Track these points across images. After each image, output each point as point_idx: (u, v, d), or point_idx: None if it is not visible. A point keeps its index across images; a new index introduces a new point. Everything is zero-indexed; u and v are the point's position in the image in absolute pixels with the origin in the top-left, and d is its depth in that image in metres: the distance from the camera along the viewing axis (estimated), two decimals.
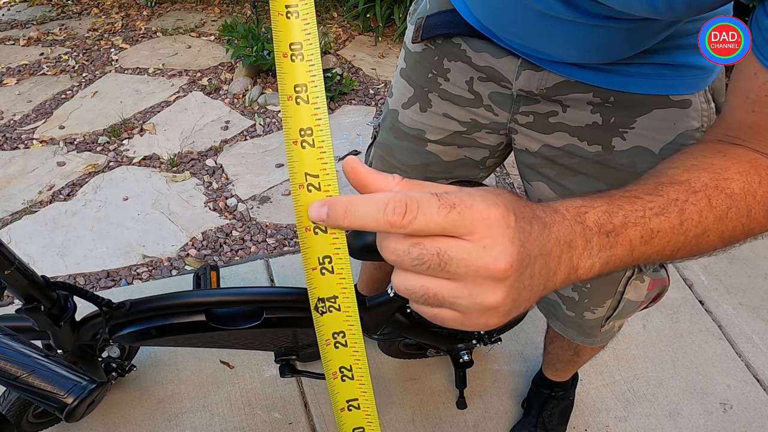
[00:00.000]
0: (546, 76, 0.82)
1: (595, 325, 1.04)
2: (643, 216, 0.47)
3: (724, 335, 1.86)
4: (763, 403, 1.68)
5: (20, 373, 0.53)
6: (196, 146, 2.43)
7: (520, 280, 0.39)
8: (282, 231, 2.08)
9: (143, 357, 1.62)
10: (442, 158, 1.01)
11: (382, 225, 0.37)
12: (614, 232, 0.45)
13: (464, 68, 0.90)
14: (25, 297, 0.87)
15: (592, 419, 1.61)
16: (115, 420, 1.50)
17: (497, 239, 0.37)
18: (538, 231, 0.40)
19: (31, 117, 2.60)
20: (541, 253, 0.40)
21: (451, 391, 1.62)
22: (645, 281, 0.96)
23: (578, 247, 0.43)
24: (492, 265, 0.37)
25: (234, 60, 2.94)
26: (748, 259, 2.13)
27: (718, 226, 0.50)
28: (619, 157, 0.84)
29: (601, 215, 0.45)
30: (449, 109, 0.95)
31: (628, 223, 0.46)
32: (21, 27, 3.37)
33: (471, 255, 0.37)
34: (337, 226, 0.41)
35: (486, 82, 0.89)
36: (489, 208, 0.37)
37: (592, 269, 0.45)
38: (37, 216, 2.08)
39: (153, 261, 1.94)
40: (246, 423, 1.52)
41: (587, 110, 0.82)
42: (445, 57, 0.91)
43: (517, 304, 0.41)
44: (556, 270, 0.42)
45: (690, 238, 0.49)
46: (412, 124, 1.00)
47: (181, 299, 1.04)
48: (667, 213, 0.48)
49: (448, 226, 0.36)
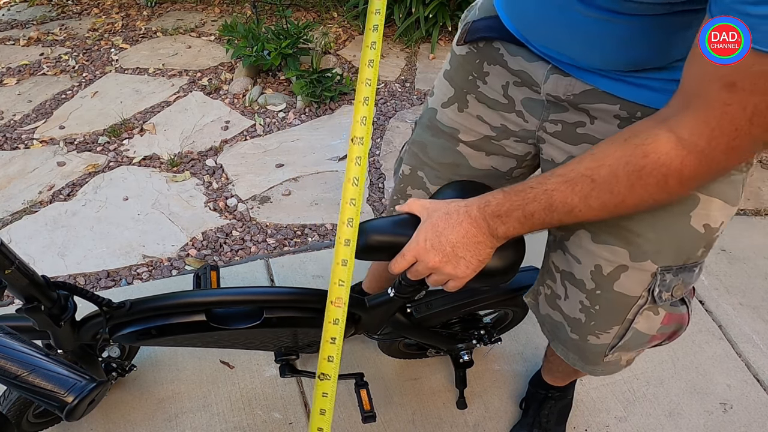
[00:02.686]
0: (573, 83, 0.84)
1: (599, 352, 1.00)
2: (521, 204, 0.74)
3: (724, 335, 1.86)
4: (763, 403, 1.68)
5: (20, 372, 0.54)
6: (196, 146, 2.44)
7: (453, 257, 0.79)
8: (282, 231, 2.08)
9: (143, 357, 1.62)
10: (470, 163, 1.04)
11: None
12: (503, 216, 0.76)
13: (501, 72, 0.94)
14: (25, 297, 0.87)
15: (592, 419, 1.61)
16: (115, 420, 1.50)
17: (427, 254, 0.80)
18: (451, 228, 0.79)
19: (31, 117, 2.60)
20: (457, 242, 0.78)
21: (451, 391, 1.62)
22: (660, 314, 0.93)
23: (485, 225, 0.78)
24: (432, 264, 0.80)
25: (234, 60, 2.95)
26: (748, 259, 2.13)
27: (584, 204, 0.70)
28: None
29: (494, 207, 0.76)
30: (483, 112, 0.99)
31: (511, 209, 0.75)
32: (21, 27, 3.37)
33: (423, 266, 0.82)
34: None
35: (520, 87, 0.93)
36: (413, 240, 0.82)
37: (506, 232, 0.77)
38: (37, 216, 2.08)
39: (153, 261, 1.94)
40: (246, 423, 1.52)
41: (614, 124, 0.84)
42: (485, 60, 0.95)
43: (464, 262, 0.79)
44: (477, 238, 0.78)
45: (561, 215, 0.72)
46: (449, 122, 1.03)
47: (181, 299, 1.04)
48: (538, 200, 0.73)
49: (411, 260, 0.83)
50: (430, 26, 3.18)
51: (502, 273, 0.88)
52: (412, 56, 3.14)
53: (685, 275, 0.88)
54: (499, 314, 1.50)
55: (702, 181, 0.66)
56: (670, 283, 0.88)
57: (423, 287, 1.09)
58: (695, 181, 0.65)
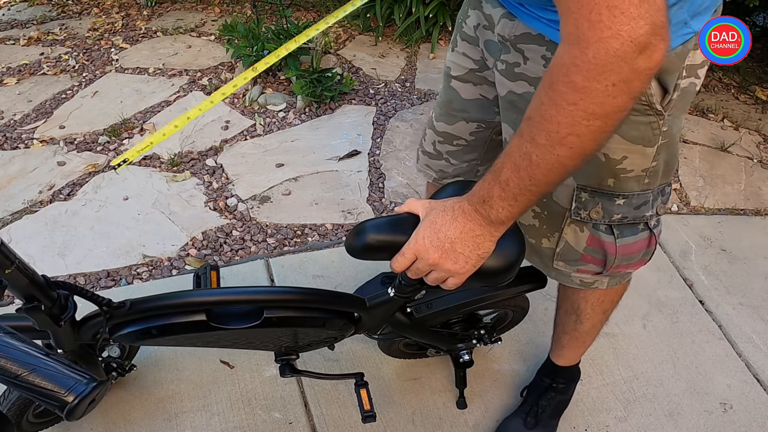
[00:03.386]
0: (516, 25, 0.97)
1: (549, 255, 1.13)
2: (495, 178, 0.76)
3: (724, 335, 1.86)
4: (763, 403, 1.68)
5: (21, 372, 0.54)
6: (196, 146, 2.44)
7: (452, 253, 0.81)
8: (282, 231, 2.08)
9: (143, 357, 1.62)
10: (461, 95, 1.21)
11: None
12: (487, 199, 0.77)
13: (476, 15, 1.10)
14: (25, 296, 0.87)
15: (592, 419, 1.61)
16: (115, 419, 1.50)
17: (426, 251, 0.82)
18: (448, 225, 0.80)
19: (32, 117, 2.60)
20: (455, 237, 0.80)
21: (451, 391, 1.62)
22: (584, 232, 1.05)
23: (478, 216, 0.79)
24: (432, 261, 0.82)
25: (234, 60, 2.94)
26: (748, 259, 2.13)
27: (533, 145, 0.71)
28: None
29: (478, 194, 0.78)
30: (466, 48, 1.16)
31: (491, 188, 0.76)
32: (21, 27, 3.37)
33: (423, 263, 0.84)
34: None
35: (486, 30, 1.08)
36: (412, 239, 0.84)
37: (498, 215, 0.77)
38: (38, 216, 2.08)
39: (153, 261, 1.94)
40: (246, 423, 1.52)
41: (541, 64, 0.96)
42: (470, 6, 1.13)
43: (463, 258, 0.81)
44: (475, 231, 0.80)
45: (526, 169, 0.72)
46: (447, 63, 1.24)
47: (182, 299, 1.04)
48: (505, 166, 0.74)
49: (411, 258, 0.84)
50: (430, 26, 3.18)
51: (502, 272, 0.88)
52: (412, 56, 3.14)
53: (604, 201, 1.00)
54: (499, 314, 1.50)
55: (600, 67, 0.64)
56: (587, 202, 1.01)
57: (423, 287, 1.09)
58: (595, 69, 0.64)
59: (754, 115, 2.98)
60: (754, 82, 3.20)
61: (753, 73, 3.27)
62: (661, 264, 2.06)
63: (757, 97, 3.10)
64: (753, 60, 3.31)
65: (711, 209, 2.37)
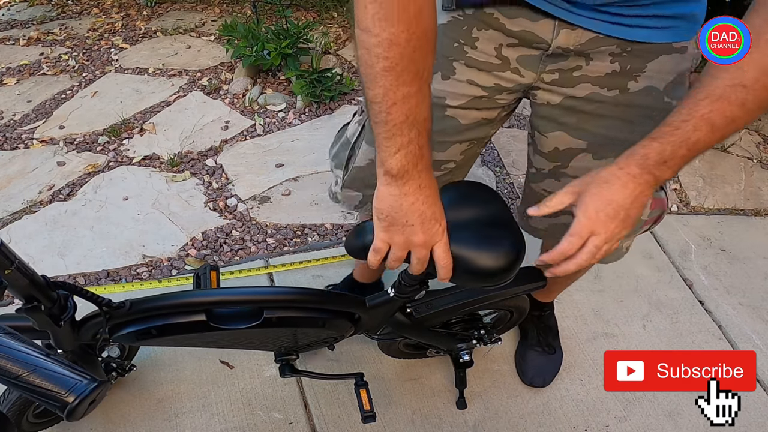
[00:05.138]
0: (581, 34, 0.94)
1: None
2: (684, 140, 0.76)
3: (724, 335, 1.86)
4: (763, 403, 1.68)
5: (21, 372, 0.54)
6: (196, 146, 2.44)
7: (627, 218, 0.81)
8: (282, 231, 2.08)
9: (143, 357, 1.62)
10: (460, 122, 1.11)
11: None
12: (668, 160, 0.77)
13: (494, 35, 0.99)
14: (25, 297, 0.87)
15: (592, 419, 1.61)
16: (115, 420, 1.50)
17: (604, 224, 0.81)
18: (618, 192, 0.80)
19: (31, 117, 2.60)
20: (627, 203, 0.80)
21: (451, 391, 1.62)
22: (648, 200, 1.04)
23: (651, 177, 0.79)
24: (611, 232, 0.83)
25: (234, 60, 2.94)
26: (748, 259, 2.13)
27: (743, 111, 0.73)
28: (633, 97, 0.99)
29: (656, 156, 0.77)
30: (474, 76, 1.04)
31: (675, 150, 0.76)
32: (21, 27, 3.37)
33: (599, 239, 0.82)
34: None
35: (516, 47, 0.99)
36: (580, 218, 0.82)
37: (671, 174, 0.79)
38: (37, 216, 2.08)
39: (153, 261, 1.94)
40: (246, 423, 1.52)
41: (607, 60, 0.96)
42: (474, 27, 1.00)
43: (631, 221, 0.82)
44: (645, 193, 0.81)
45: (723, 131, 0.75)
46: (437, 92, 1.06)
47: (181, 299, 1.04)
48: (699, 128, 0.74)
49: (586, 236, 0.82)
50: None
51: (503, 272, 0.88)
52: None
53: None
54: (499, 314, 1.50)
55: None
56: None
57: (423, 287, 1.09)
58: None
59: None
60: None
61: None
62: (661, 264, 2.06)
63: None
64: None
65: (711, 209, 2.37)
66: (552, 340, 1.72)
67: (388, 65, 0.72)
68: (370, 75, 0.74)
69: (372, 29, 0.70)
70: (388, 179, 0.80)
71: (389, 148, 0.78)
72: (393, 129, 0.76)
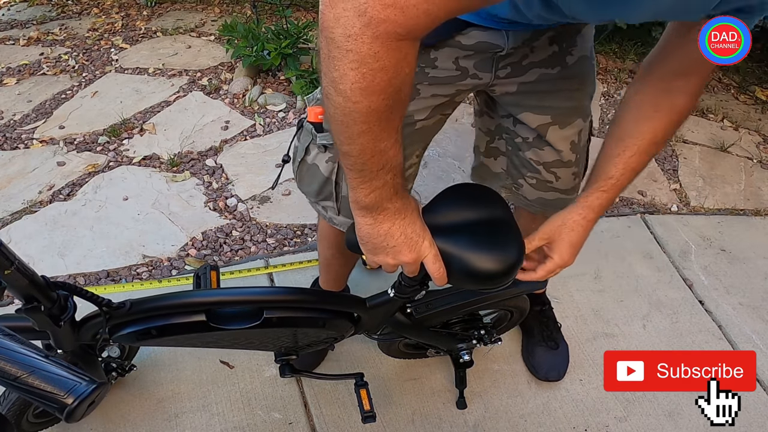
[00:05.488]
0: (524, 34, 1.03)
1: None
2: (621, 186, 0.99)
3: (724, 335, 1.86)
4: (763, 403, 1.68)
5: (20, 374, 0.53)
6: (196, 146, 2.43)
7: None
8: (282, 231, 2.08)
9: (143, 357, 1.62)
10: (425, 127, 1.17)
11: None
12: (610, 203, 1.00)
13: (451, 52, 1.05)
14: (25, 297, 0.87)
15: (592, 419, 1.61)
16: (115, 420, 1.50)
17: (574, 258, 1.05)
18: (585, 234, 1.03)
19: (31, 117, 2.60)
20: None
21: (451, 391, 1.62)
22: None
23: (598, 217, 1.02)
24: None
25: (234, 60, 2.94)
26: (748, 259, 2.13)
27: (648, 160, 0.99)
28: (573, 68, 1.12)
29: (606, 203, 1.00)
30: (436, 90, 1.11)
31: (615, 195, 1.00)
32: (21, 27, 3.36)
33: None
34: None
35: (471, 57, 1.06)
36: (564, 258, 1.03)
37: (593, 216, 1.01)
38: (37, 216, 2.08)
39: (153, 261, 1.94)
40: (246, 423, 1.52)
41: (547, 44, 1.07)
42: (432, 48, 1.05)
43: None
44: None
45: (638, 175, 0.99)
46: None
47: (181, 299, 1.04)
48: (629, 177, 0.98)
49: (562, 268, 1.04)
50: None
51: (502, 275, 0.88)
52: None
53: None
54: (499, 314, 1.50)
55: None
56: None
57: (423, 287, 1.09)
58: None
59: (754, 115, 2.98)
60: (754, 82, 3.20)
61: (753, 74, 3.27)
62: (661, 264, 2.06)
63: (756, 98, 3.10)
64: (753, 60, 3.31)
65: (711, 209, 2.37)
66: (555, 334, 1.74)
67: (365, 129, 0.71)
68: (345, 134, 0.72)
69: (351, 97, 0.67)
70: (363, 212, 0.82)
71: (363, 190, 0.78)
72: (368, 175, 0.76)
